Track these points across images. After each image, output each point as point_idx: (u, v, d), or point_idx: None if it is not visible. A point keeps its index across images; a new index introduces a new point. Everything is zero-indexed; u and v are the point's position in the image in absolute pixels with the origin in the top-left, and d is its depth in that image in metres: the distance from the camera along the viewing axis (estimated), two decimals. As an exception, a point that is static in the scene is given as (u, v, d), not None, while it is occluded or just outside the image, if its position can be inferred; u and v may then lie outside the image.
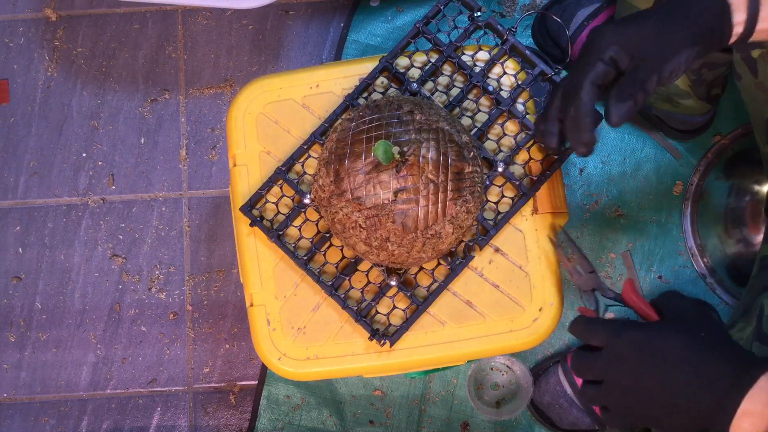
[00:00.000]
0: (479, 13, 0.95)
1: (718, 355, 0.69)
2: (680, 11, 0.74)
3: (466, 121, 0.96)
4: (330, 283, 0.93)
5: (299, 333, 0.93)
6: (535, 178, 0.94)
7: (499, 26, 0.95)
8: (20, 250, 1.39)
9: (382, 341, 0.91)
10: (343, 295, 0.92)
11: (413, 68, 0.97)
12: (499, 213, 0.94)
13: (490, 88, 0.95)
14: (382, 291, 0.93)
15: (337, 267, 0.94)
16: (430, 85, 0.97)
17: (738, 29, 0.75)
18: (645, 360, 0.70)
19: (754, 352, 0.80)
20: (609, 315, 1.28)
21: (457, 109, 0.96)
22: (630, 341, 0.71)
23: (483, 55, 0.97)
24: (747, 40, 0.76)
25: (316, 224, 0.94)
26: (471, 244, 0.93)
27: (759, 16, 0.74)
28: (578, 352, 0.75)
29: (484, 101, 0.96)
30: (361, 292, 0.93)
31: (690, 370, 0.68)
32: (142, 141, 1.40)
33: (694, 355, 0.69)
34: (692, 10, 0.74)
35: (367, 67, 0.97)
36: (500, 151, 0.95)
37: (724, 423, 0.67)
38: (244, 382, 1.36)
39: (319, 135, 0.95)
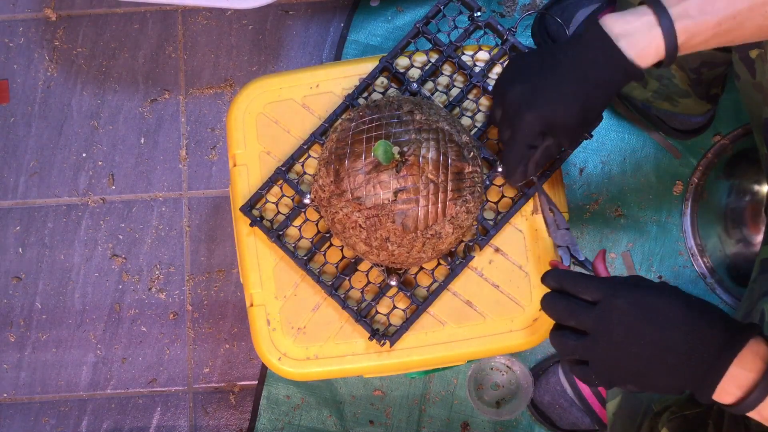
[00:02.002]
0: (479, 13, 0.95)
1: (710, 318, 0.70)
2: (584, 84, 0.79)
3: (466, 121, 0.96)
4: (330, 283, 0.93)
5: (299, 333, 0.93)
6: (535, 179, 0.94)
7: (499, 26, 0.95)
8: (20, 250, 1.39)
9: (382, 341, 0.91)
10: (343, 295, 0.92)
11: (413, 68, 0.97)
12: (499, 213, 0.94)
13: (490, 88, 0.95)
14: (382, 291, 0.93)
15: (337, 267, 0.94)
16: (430, 85, 0.97)
17: (658, 57, 0.77)
18: (641, 317, 0.70)
19: None
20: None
21: (457, 109, 0.96)
22: (629, 298, 0.71)
23: (483, 55, 0.97)
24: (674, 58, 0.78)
25: (316, 224, 0.94)
26: (471, 244, 0.93)
27: (678, 49, 0.76)
28: (557, 297, 0.75)
29: (484, 101, 0.96)
30: (361, 292, 0.93)
31: (685, 330, 0.69)
32: (142, 141, 1.40)
33: (688, 316, 0.69)
34: (598, 81, 0.78)
35: (367, 67, 0.97)
36: (500, 151, 0.95)
37: (712, 384, 0.68)
38: (244, 382, 1.36)
39: (319, 135, 0.95)
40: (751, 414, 0.68)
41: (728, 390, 0.68)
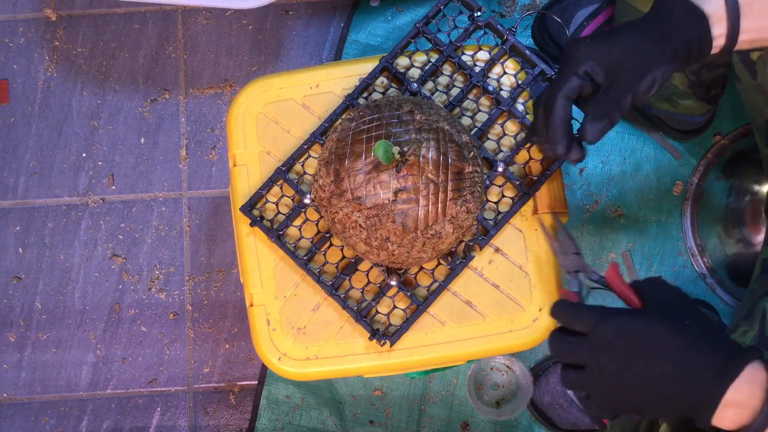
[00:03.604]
0: (479, 13, 0.95)
1: (703, 344, 0.68)
2: (657, 27, 0.74)
3: (466, 121, 0.96)
4: (330, 283, 0.93)
5: (299, 333, 0.93)
6: (535, 178, 0.94)
7: (499, 26, 0.95)
8: (20, 250, 1.39)
9: (383, 341, 0.91)
10: (343, 295, 0.92)
11: (413, 68, 0.97)
12: (499, 213, 0.94)
13: (490, 88, 0.95)
14: (382, 291, 0.93)
15: (337, 267, 0.94)
16: (430, 85, 0.97)
17: (719, 41, 0.75)
18: (629, 348, 0.69)
19: None
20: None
21: (457, 109, 0.96)
22: (614, 328, 0.69)
23: (483, 55, 0.97)
24: (731, 51, 0.75)
25: (316, 224, 0.94)
26: (471, 244, 0.93)
27: (740, 28, 0.73)
28: (557, 335, 0.73)
29: (484, 101, 0.96)
30: (361, 292, 0.93)
31: (674, 359, 0.67)
32: (142, 141, 1.40)
33: (678, 344, 0.68)
34: (669, 25, 0.74)
35: (367, 67, 0.97)
36: (500, 151, 0.95)
37: (708, 413, 0.66)
38: (244, 382, 1.36)
39: (319, 135, 0.95)
40: None
41: (727, 417, 0.66)
